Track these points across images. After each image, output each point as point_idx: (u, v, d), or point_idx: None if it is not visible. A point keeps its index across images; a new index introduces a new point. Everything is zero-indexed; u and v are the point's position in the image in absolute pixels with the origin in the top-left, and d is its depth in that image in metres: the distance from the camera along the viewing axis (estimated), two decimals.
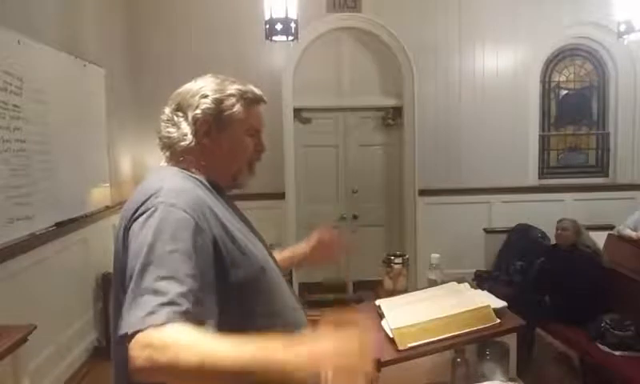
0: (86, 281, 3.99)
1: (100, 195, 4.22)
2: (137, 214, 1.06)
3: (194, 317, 0.93)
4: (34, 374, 2.96)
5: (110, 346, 1.20)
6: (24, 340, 2.38)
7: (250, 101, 1.25)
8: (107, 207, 4.27)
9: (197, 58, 4.85)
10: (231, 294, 1.08)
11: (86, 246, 3.96)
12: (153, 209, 1.05)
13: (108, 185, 4.37)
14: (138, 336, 0.89)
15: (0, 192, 2.85)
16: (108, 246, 4.23)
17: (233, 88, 1.23)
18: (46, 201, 3.33)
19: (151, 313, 0.91)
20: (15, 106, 3.01)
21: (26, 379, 2.48)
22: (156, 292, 0.94)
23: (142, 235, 1.02)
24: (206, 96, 1.20)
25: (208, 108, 1.19)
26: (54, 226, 3.42)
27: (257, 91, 1.27)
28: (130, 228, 1.07)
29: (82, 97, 3.96)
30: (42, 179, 3.31)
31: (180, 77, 1.31)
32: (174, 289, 0.94)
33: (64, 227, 3.56)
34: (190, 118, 1.20)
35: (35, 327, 2.47)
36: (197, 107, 1.19)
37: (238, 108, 1.22)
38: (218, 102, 1.20)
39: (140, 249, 1.00)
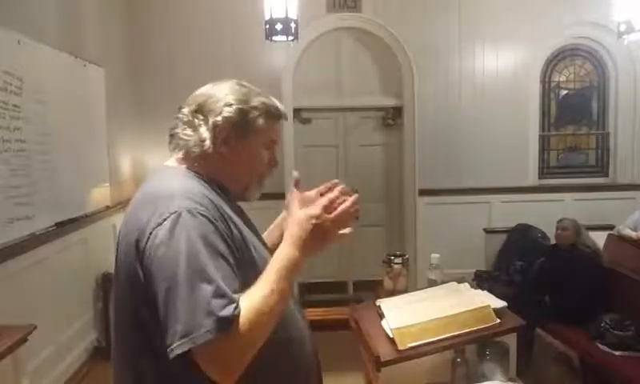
0: (86, 281, 3.99)
1: (100, 195, 4.21)
2: (156, 220, 1.03)
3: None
4: (33, 374, 2.96)
5: (109, 346, 1.20)
6: (24, 340, 2.38)
7: (273, 116, 1.23)
8: (107, 207, 4.27)
9: (197, 58, 4.85)
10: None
11: (86, 246, 3.96)
12: (176, 214, 1.03)
13: (108, 185, 4.37)
14: (216, 344, 0.96)
15: (0, 192, 2.86)
16: (108, 245, 4.25)
17: (257, 101, 1.20)
18: (46, 201, 3.33)
19: (228, 319, 0.97)
20: (15, 106, 3.01)
21: (25, 379, 2.48)
22: (215, 295, 0.98)
23: (173, 244, 1.00)
24: (230, 104, 1.17)
25: (231, 117, 1.17)
26: (54, 226, 3.42)
27: (280, 107, 1.25)
28: (149, 235, 1.03)
29: (82, 97, 3.96)
30: (42, 179, 3.31)
31: (180, 77, 1.31)
32: (229, 291, 1.00)
33: (64, 227, 3.56)
34: (210, 123, 1.17)
35: (35, 327, 2.47)
36: (219, 114, 1.16)
37: (260, 121, 1.20)
38: (242, 113, 1.18)
39: (176, 259, 0.99)
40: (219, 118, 1.17)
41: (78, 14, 4.01)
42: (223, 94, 1.19)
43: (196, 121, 1.18)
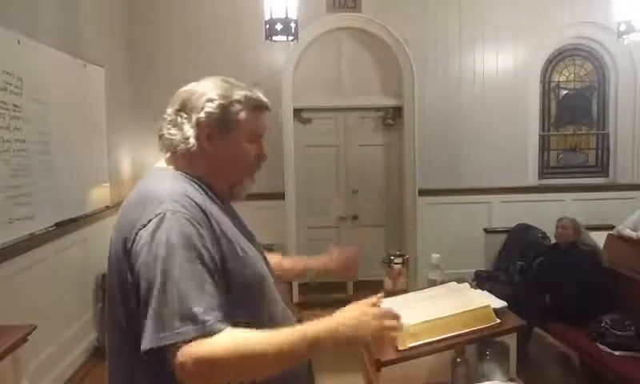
0: (86, 281, 3.99)
1: (100, 195, 4.22)
2: (142, 222, 1.06)
3: (224, 317, 1.01)
4: (33, 374, 2.96)
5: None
6: (24, 340, 2.38)
7: (256, 108, 1.22)
8: (107, 207, 4.27)
9: (197, 58, 4.85)
10: (228, 300, 1.07)
11: (86, 245, 3.96)
12: (160, 216, 1.04)
13: (108, 185, 4.37)
14: (190, 348, 0.96)
15: (0, 192, 2.86)
16: (108, 246, 4.23)
17: (240, 94, 1.20)
18: (45, 201, 3.33)
19: (199, 322, 0.97)
20: (15, 106, 3.01)
21: (25, 379, 2.48)
22: (190, 302, 0.98)
23: (154, 245, 1.02)
24: (211, 100, 1.17)
25: (212, 112, 1.16)
26: (53, 226, 3.42)
27: (263, 98, 1.24)
28: (134, 236, 1.06)
29: (82, 97, 3.96)
30: (42, 179, 3.31)
31: (180, 77, 1.30)
32: (203, 295, 1.00)
33: (64, 227, 3.56)
34: (193, 120, 1.17)
35: (35, 327, 2.47)
36: (201, 110, 1.16)
37: (242, 115, 1.19)
38: (223, 108, 1.17)
39: (155, 260, 1.01)
40: (202, 115, 1.17)
41: (78, 14, 4.00)
42: (205, 90, 1.19)
43: (179, 119, 1.18)
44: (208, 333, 0.97)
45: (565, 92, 5.65)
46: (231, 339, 0.99)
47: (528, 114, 5.43)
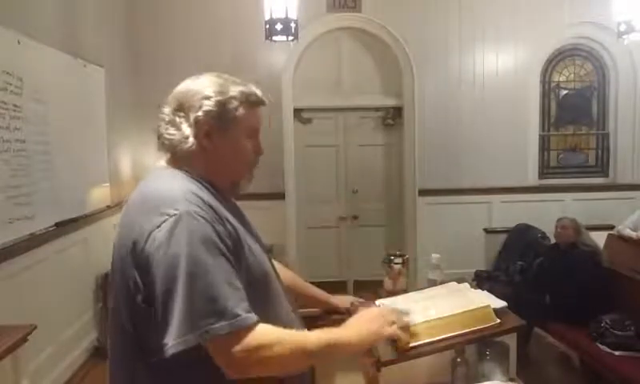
0: (86, 281, 3.99)
1: (100, 195, 4.22)
2: (154, 223, 1.04)
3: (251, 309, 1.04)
4: (33, 374, 2.96)
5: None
6: (24, 340, 2.38)
7: (253, 103, 1.22)
8: (107, 207, 4.27)
9: (197, 58, 4.85)
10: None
11: (86, 245, 3.96)
12: (175, 217, 1.03)
13: (108, 185, 4.37)
14: (232, 341, 0.99)
15: (0, 192, 2.86)
16: (108, 245, 4.22)
17: (236, 90, 1.19)
18: (45, 201, 3.33)
19: (231, 316, 0.99)
20: (15, 106, 3.01)
21: (25, 379, 2.48)
22: (219, 298, 1.00)
23: (172, 245, 1.01)
24: (208, 97, 1.17)
25: (210, 110, 1.16)
26: (53, 226, 3.42)
27: (259, 93, 1.24)
28: (147, 237, 1.04)
29: (82, 97, 3.96)
30: (42, 179, 3.31)
31: (180, 77, 1.30)
32: (230, 290, 1.02)
33: (64, 227, 3.56)
34: (191, 119, 1.16)
35: (35, 327, 2.47)
36: (199, 108, 1.16)
37: (240, 111, 1.19)
38: (221, 105, 1.17)
39: (176, 259, 1.00)
40: (200, 113, 1.16)
41: (77, 14, 4.00)
42: (201, 88, 1.19)
43: (177, 119, 1.18)
44: (241, 326, 0.99)
45: (565, 92, 5.65)
46: (272, 331, 1.03)
47: (528, 114, 5.43)
